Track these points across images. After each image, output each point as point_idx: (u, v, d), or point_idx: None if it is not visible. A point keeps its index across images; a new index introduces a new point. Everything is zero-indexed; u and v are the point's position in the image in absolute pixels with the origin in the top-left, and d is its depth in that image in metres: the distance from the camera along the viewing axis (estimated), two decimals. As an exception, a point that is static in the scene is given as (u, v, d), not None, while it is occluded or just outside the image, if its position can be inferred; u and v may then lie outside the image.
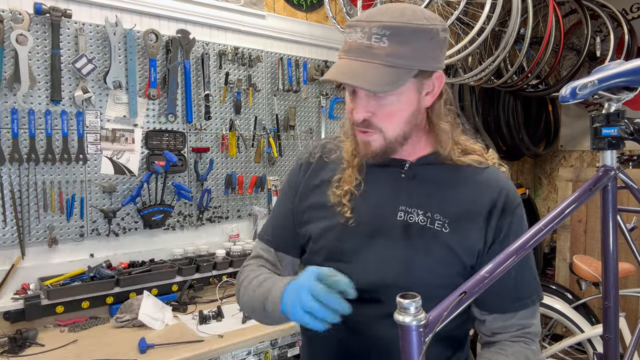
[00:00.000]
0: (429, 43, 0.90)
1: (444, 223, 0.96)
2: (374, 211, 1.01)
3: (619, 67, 1.05)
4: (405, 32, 0.88)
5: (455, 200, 0.98)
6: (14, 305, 1.83)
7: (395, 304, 0.70)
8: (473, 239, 0.96)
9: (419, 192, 1.00)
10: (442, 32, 0.92)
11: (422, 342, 0.68)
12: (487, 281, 0.77)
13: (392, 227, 0.98)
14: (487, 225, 0.97)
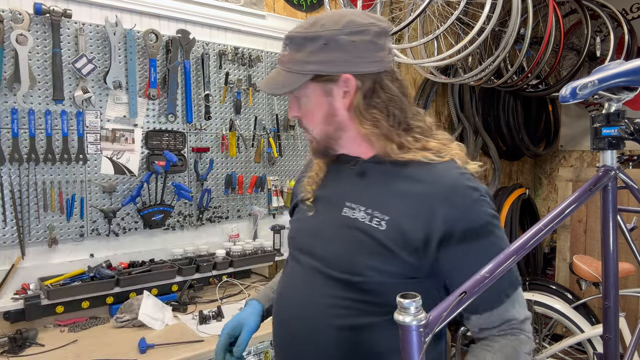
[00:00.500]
0: (324, 48, 0.97)
1: (381, 220, 0.97)
2: (325, 206, 1.09)
3: (619, 67, 1.05)
4: (298, 40, 1.00)
5: (396, 198, 0.99)
6: (14, 305, 1.83)
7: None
8: (414, 237, 0.95)
9: (365, 189, 1.03)
10: (348, 37, 0.96)
11: (422, 342, 0.68)
12: (487, 281, 0.77)
13: (336, 222, 1.04)
14: (430, 224, 0.95)
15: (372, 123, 1.01)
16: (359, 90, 1.00)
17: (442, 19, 2.55)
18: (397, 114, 1.02)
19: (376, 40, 0.99)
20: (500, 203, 3.97)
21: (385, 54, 1.01)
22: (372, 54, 0.99)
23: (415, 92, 3.49)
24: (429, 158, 1.00)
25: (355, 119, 1.02)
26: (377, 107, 1.01)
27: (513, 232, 3.89)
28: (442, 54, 2.54)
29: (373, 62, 0.99)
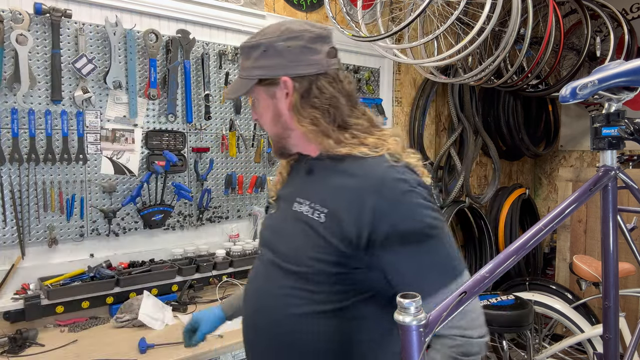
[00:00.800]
0: (265, 55, 1.08)
1: (320, 213, 1.04)
2: (284, 203, 1.17)
3: (619, 67, 1.06)
4: (246, 50, 1.12)
5: (333, 191, 1.04)
6: (14, 305, 1.83)
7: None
8: (348, 228, 0.99)
9: (310, 185, 1.12)
10: (284, 43, 1.07)
11: (422, 342, 0.68)
12: (487, 281, 0.77)
13: (289, 218, 1.12)
14: (361, 215, 0.98)
15: (310, 121, 1.07)
16: (297, 91, 1.08)
17: (442, 19, 2.55)
18: (334, 112, 1.08)
19: (310, 45, 1.07)
20: (500, 203, 3.97)
21: (321, 58, 1.08)
22: (307, 57, 1.07)
23: (415, 92, 3.49)
24: (364, 153, 1.05)
25: (295, 118, 1.09)
26: (314, 106, 1.08)
27: (513, 232, 3.89)
28: (442, 54, 2.53)
29: (308, 65, 1.07)
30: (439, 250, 0.99)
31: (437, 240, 0.98)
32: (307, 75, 1.07)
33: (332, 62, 1.10)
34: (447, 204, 3.50)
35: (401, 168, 1.02)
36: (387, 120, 3.14)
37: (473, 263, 3.90)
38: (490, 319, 2.44)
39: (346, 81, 1.12)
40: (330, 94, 1.08)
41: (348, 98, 1.11)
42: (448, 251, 0.99)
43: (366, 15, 2.90)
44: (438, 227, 0.99)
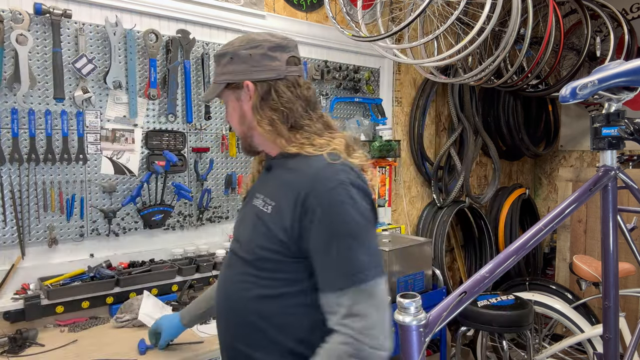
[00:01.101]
0: (231, 62, 1.21)
1: (269, 206, 1.17)
2: (248, 198, 1.30)
3: (619, 67, 1.06)
4: (217, 57, 1.26)
5: (279, 186, 1.17)
6: (14, 305, 1.83)
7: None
8: (285, 219, 1.11)
9: (267, 181, 1.25)
10: (246, 51, 1.19)
11: (422, 342, 0.68)
12: (487, 281, 0.77)
13: (249, 210, 1.25)
14: (294, 208, 1.09)
15: (268, 122, 1.19)
16: (258, 94, 1.19)
17: (442, 19, 2.55)
18: (288, 114, 1.18)
19: (270, 53, 1.19)
20: (500, 203, 3.97)
21: (280, 64, 1.19)
22: (267, 63, 1.19)
23: (415, 92, 3.49)
24: (309, 152, 1.15)
25: (255, 118, 1.20)
26: (272, 108, 1.19)
27: (513, 232, 3.89)
28: (442, 54, 2.53)
29: (268, 71, 1.19)
30: (350, 252, 1.04)
31: (352, 240, 1.04)
32: (267, 79, 1.19)
33: (291, 69, 1.21)
34: (447, 204, 3.51)
35: (339, 166, 1.10)
36: (387, 120, 3.14)
37: (473, 263, 3.91)
38: (490, 319, 2.47)
39: (305, 87, 1.22)
40: (287, 98, 1.18)
41: (305, 102, 1.21)
42: (358, 255, 1.03)
43: (366, 15, 2.90)
44: (358, 228, 1.05)
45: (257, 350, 1.16)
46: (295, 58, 1.23)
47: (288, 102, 1.18)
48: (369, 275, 1.02)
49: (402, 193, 3.44)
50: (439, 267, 2.93)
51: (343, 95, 2.96)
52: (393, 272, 2.48)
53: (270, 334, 1.14)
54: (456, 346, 2.84)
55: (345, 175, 1.08)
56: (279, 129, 1.18)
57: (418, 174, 3.56)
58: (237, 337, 1.20)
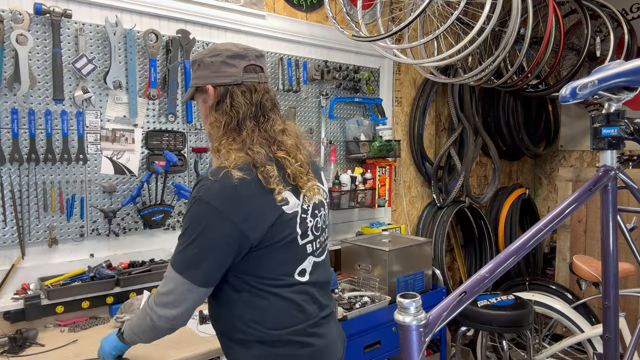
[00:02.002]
0: (198, 68, 1.36)
1: None
2: None
3: (619, 67, 1.06)
4: (191, 64, 1.42)
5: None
6: (14, 305, 1.83)
7: None
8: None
9: None
10: (209, 59, 1.33)
11: (422, 342, 0.68)
12: (487, 281, 0.77)
13: None
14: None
15: (214, 124, 1.33)
16: (215, 97, 1.32)
17: (442, 19, 2.55)
18: (233, 118, 1.29)
19: (228, 60, 1.31)
20: (500, 203, 3.97)
21: (237, 71, 1.31)
22: (225, 70, 1.31)
23: (415, 92, 3.49)
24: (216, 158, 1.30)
25: (209, 119, 1.36)
26: (222, 112, 1.31)
27: (513, 232, 3.89)
28: (442, 54, 2.53)
29: (226, 76, 1.31)
30: (176, 248, 1.26)
31: (181, 239, 1.25)
32: (224, 84, 1.31)
33: (249, 76, 1.32)
34: (447, 204, 3.51)
35: (204, 182, 1.24)
36: (387, 120, 3.14)
37: (473, 263, 3.91)
38: (490, 319, 2.48)
39: (261, 93, 1.33)
40: (237, 102, 1.30)
41: (257, 108, 1.31)
42: (177, 250, 1.25)
43: (366, 15, 2.90)
44: (186, 231, 1.24)
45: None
46: (255, 66, 1.34)
47: (237, 107, 1.29)
48: (181, 267, 1.24)
49: (402, 193, 3.44)
50: (439, 267, 2.94)
51: (343, 95, 2.96)
52: (393, 272, 2.48)
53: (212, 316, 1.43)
54: (456, 346, 2.84)
55: (205, 184, 1.23)
56: (218, 132, 1.31)
57: (418, 174, 3.56)
58: None
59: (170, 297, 1.24)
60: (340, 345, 1.45)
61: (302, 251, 1.32)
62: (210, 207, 1.19)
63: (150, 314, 1.27)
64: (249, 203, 1.21)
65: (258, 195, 1.22)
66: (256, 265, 1.26)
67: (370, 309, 2.30)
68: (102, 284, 1.98)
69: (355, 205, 2.88)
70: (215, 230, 1.20)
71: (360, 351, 2.28)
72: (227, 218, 1.19)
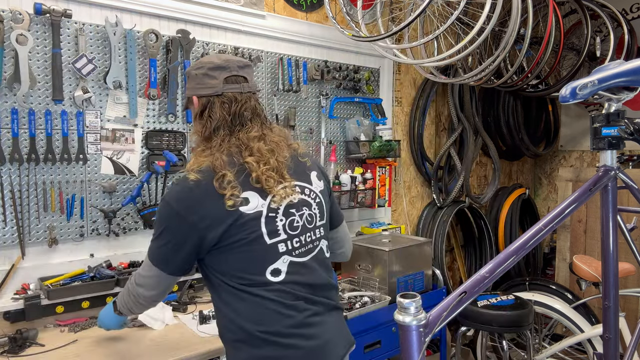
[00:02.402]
0: (188, 81, 1.45)
1: None
2: None
3: (619, 67, 1.06)
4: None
5: None
6: (14, 305, 1.83)
7: None
8: None
9: None
10: (194, 71, 1.42)
11: (422, 342, 0.68)
12: (487, 281, 0.77)
13: None
14: None
15: (195, 132, 1.43)
16: (199, 107, 1.41)
17: (442, 19, 2.55)
18: (208, 127, 1.37)
19: (209, 72, 1.39)
20: (500, 203, 3.97)
21: (218, 82, 1.38)
22: (206, 82, 1.39)
23: (415, 92, 3.49)
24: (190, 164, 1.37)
25: (194, 128, 1.45)
26: (201, 121, 1.40)
27: (513, 232, 3.89)
28: (442, 54, 2.53)
29: (207, 88, 1.39)
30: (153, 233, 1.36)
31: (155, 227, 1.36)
32: (206, 95, 1.39)
33: (229, 87, 1.38)
34: (447, 204, 3.51)
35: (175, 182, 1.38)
36: (387, 120, 3.14)
37: (473, 263, 3.91)
38: (490, 319, 2.48)
39: (241, 102, 1.39)
40: (214, 112, 1.37)
41: (234, 117, 1.37)
42: (151, 241, 1.36)
43: (366, 15, 2.90)
44: (156, 227, 1.35)
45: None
46: (237, 77, 1.40)
47: (213, 117, 1.37)
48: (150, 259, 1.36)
49: (402, 193, 3.44)
50: (439, 267, 2.94)
51: (343, 95, 2.96)
52: (393, 272, 2.48)
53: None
54: (456, 346, 2.84)
55: (166, 192, 1.40)
56: (198, 140, 1.41)
57: (418, 174, 3.56)
58: None
59: (146, 280, 1.39)
60: (341, 348, 1.41)
61: (272, 250, 1.33)
62: (170, 208, 1.31)
63: (132, 291, 1.42)
64: (204, 204, 1.29)
65: (212, 197, 1.29)
66: (223, 263, 1.32)
67: (370, 309, 2.30)
68: (102, 284, 1.98)
69: (355, 205, 2.88)
70: (175, 229, 1.30)
71: (360, 351, 2.28)
72: (185, 218, 1.28)
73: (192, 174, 1.30)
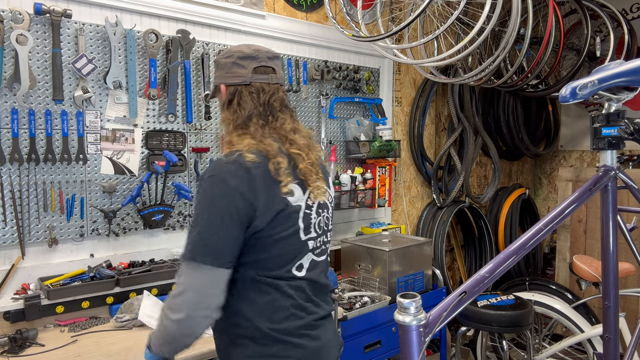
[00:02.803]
0: (216, 69, 1.44)
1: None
2: None
3: (619, 67, 1.06)
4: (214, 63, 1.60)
5: None
6: (14, 305, 1.83)
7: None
8: None
9: None
10: (223, 60, 1.40)
11: (422, 342, 0.68)
12: (487, 281, 0.77)
13: None
14: None
15: (224, 121, 1.39)
16: (227, 96, 1.39)
17: (442, 19, 2.55)
18: (239, 116, 1.34)
19: (239, 62, 1.37)
20: (500, 203, 3.97)
21: (246, 72, 1.36)
22: (235, 71, 1.37)
23: (415, 92, 3.49)
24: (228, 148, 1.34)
25: (221, 117, 1.43)
26: (231, 110, 1.37)
27: (513, 232, 3.89)
28: (442, 54, 2.53)
29: (235, 77, 1.37)
30: (191, 230, 1.24)
31: (194, 223, 1.23)
32: (234, 84, 1.37)
33: (257, 77, 1.37)
34: (447, 204, 3.51)
35: (225, 159, 1.27)
36: (387, 120, 3.14)
37: (473, 263, 3.91)
38: (490, 319, 2.48)
39: (270, 93, 1.37)
40: (244, 102, 1.35)
41: (264, 108, 1.36)
42: (192, 234, 1.23)
43: (366, 15, 2.90)
44: (202, 210, 1.23)
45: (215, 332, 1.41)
46: (266, 67, 1.39)
47: (245, 105, 1.35)
48: (194, 253, 1.21)
49: (402, 193, 3.44)
50: (439, 267, 2.94)
51: (343, 95, 2.96)
52: (393, 272, 2.48)
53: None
54: (456, 346, 2.84)
55: (219, 164, 1.26)
56: (229, 129, 1.37)
57: (418, 174, 3.56)
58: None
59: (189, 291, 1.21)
60: (335, 350, 1.44)
61: (303, 246, 1.34)
62: (227, 185, 1.21)
63: (168, 318, 1.23)
64: (260, 186, 1.23)
65: (269, 181, 1.25)
66: (256, 252, 1.26)
67: (370, 309, 2.30)
68: (102, 284, 1.98)
69: (355, 205, 2.88)
70: (232, 209, 1.20)
71: (360, 351, 2.28)
72: (241, 193, 1.21)
73: (248, 154, 1.25)
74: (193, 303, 1.20)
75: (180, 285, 1.21)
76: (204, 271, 1.20)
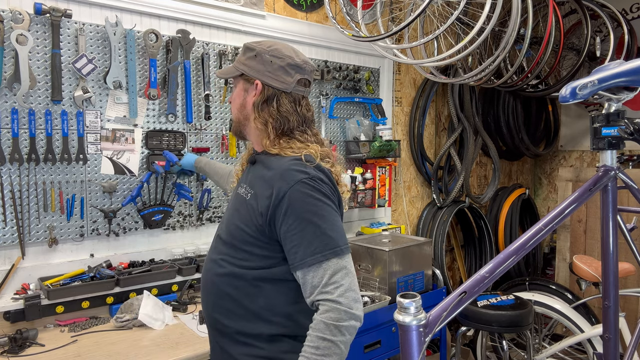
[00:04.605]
0: (254, 58, 1.37)
1: (249, 193, 1.35)
2: (236, 187, 1.48)
3: (619, 67, 1.06)
4: (244, 48, 1.41)
5: (260, 177, 1.34)
6: (14, 305, 1.83)
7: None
8: (262, 206, 1.28)
9: (250, 173, 1.42)
10: (268, 56, 1.35)
11: (422, 341, 0.68)
12: (487, 281, 0.77)
13: (234, 197, 1.46)
14: (270, 197, 1.26)
15: (262, 122, 1.36)
16: (263, 95, 1.36)
17: (442, 19, 2.55)
18: (282, 123, 1.35)
19: (287, 68, 1.35)
20: (500, 203, 3.97)
21: (291, 81, 1.35)
22: (280, 75, 1.35)
23: (415, 92, 3.49)
24: (286, 153, 1.33)
25: (253, 114, 1.38)
26: (270, 113, 1.35)
27: (513, 232, 3.89)
28: (442, 54, 2.53)
29: (278, 81, 1.35)
30: (320, 230, 1.21)
31: (320, 221, 1.22)
32: (274, 87, 1.35)
33: (299, 88, 1.38)
34: (447, 204, 3.51)
35: (305, 164, 1.28)
36: (387, 120, 3.14)
37: (473, 263, 3.91)
38: (490, 319, 2.48)
39: (305, 107, 1.40)
40: (285, 109, 1.35)
41: (301, 119, 1.38)
42: (327, 232, 1.21)
43: (366, 15, 2.90)
44: (322, 211, 1.23)
45: (228, 317, 1.34)
46: (307, 80, 1.40)
47: (286, 113, 1.35)
48: (340, 249, 1.21)
49: (402, 193, 3.44)
50: (439, 267, 2.94)
51: (343, 95, 2.96)
52: (393, 272, 2.48)
53: (241, 302, 1.31)
54: (456, 346, 2.84)
55: (312, 171, 1.27)
56: (268, 131, 1.35)
57: (418, 174, 3.56)
58: (214, 307, 1.37)
59: (353, 286, 1.20)
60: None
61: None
62: (333, 184, 1.30)
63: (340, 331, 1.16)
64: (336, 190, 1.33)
65: (338, 186, 1.35)
66: None
67: (370, 309, 2.30)
68: (102, 284, 1.98)
69: (355, 205, 2.88)
70: (337, 204, 1.30)
71: (361, 351, 2.28)
72: (338, 195, 1.33)
73: (323, 163, 1.32)
74: (358, 300, 1.20)
75: (341, 287, 1.18)
76: (350, 258, 1.24)
